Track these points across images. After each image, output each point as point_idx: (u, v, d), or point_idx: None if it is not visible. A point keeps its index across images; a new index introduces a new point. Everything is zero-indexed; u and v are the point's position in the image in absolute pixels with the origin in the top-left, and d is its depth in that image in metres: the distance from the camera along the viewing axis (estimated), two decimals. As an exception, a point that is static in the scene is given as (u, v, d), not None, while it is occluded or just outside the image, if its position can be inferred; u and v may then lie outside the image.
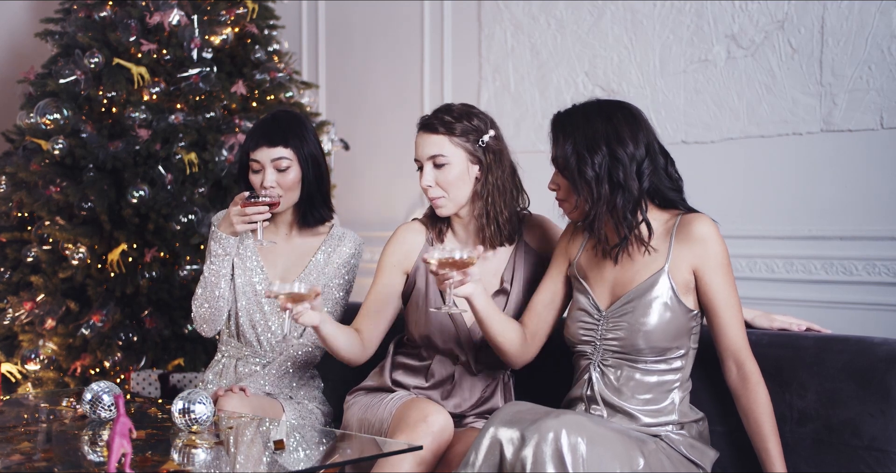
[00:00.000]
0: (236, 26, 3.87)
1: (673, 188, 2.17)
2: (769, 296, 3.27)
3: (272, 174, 2.57)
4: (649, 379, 2.12)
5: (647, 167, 2.12)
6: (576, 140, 2.12)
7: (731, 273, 2.12)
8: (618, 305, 2.13)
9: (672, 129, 3.56)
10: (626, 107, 2.18)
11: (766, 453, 2.07)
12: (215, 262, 2.60)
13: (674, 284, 2.10)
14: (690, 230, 2.11)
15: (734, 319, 2.11)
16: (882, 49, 3.07)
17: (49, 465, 1.88)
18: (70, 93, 3.67)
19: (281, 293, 2.10)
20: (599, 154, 2.09)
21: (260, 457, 1.93)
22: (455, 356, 2.43)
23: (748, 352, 2.11)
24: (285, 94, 3.93)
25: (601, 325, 2.16)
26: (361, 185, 4.76)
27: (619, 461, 1.93)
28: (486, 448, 1.97)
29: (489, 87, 4.18)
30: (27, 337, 3.64)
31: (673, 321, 2.10)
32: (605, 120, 2.13)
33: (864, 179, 3.12)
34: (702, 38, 3.49)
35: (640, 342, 2.09)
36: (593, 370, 2.16)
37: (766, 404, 2.08)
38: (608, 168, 2.09)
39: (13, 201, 3.71)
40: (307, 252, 2.69)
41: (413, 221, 2.52)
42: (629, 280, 2.14)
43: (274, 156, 2.57)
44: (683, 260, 2.10)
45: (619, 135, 2.11)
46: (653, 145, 2.14)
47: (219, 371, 2.70)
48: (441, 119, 2.36)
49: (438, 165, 2.34)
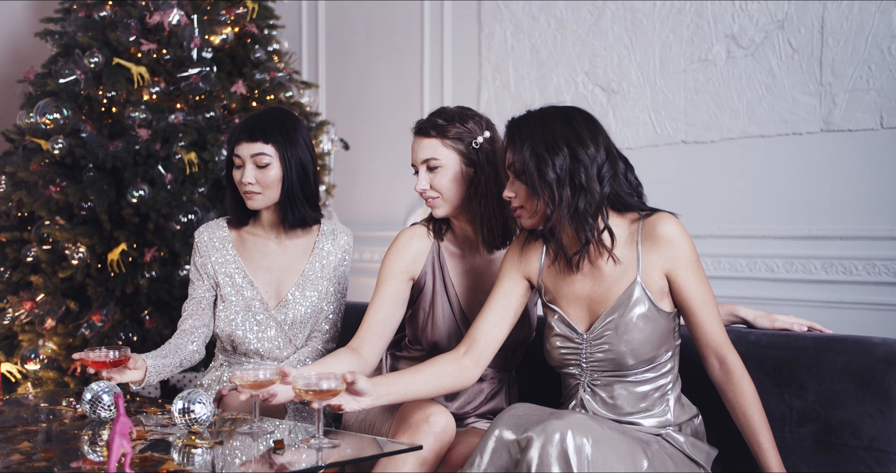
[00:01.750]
0: (236, 26, 3.87)
1: (633, 193, 2.12)
2: (769, 296, 3.28)
3: (251, 170, 2.54)
4: (642, 388, 2.11)
5: (608, 171, 2.07)
6: (534, 142, 2.06)
7: (701, 268, 2.09)
8: (598, 325, 2.11)
9: (672, 129, 3.56)
10: (582, 111, 2.14)
11: (758, 446, 2.05)
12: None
13: (649, 293, 2.08)
14: (656, 232, 2.07)
15: (711, 315, 2.09)
16: (882, 49, 3.07)
17: (49, 465, 1.88)
18: (70, 93, 3.67)
19: (244, 382, 2.04)
20: (560, 155, 2.04)
21: (260, 457, 1.93)
22: None
23: (729, 346, 2.09)
24: (285, 94, 3.94)
25: (584, 348, 2.13)
26: (361, 185, 4.76)
27: (624, 462, 1.93)
28: (492, 449, 1.97)
29: (489, 87, 4.18)
30: (27, 337, 3.64)
31: (656, 330, 2.09)
32: (564, 121, 2.08)
33: (863, 179, 3.12)
34: (702, 38, 3.49)
35: (629, 359, 2.08)
36: (583, 391, 2.15)
37: (753, 396, 2.06)
38: (570, 169, 2.04)
39: (13, 201, 3.71)
40: (299, 257, 2.67)
41: (414, 226, 2.48)
42: (603, 296, 2.11)
43: (254, 151, 2.54)
44: (654, 266, 2.08)
45: (579, 137, 2.06)
46: (612, 150, 2.10)
47: (217, 378, 2.68)
48: (434, 122, 2.36)
49: (432, 168, 2.34)
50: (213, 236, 2.69)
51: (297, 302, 2.63)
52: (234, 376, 2.08)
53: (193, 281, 2.70)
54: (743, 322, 2.34)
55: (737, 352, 2.09)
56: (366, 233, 4.73)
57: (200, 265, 2.67)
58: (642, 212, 2.12)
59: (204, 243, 2.68)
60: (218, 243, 2.68)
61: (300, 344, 2.65)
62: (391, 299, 2.39)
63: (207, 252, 2.67)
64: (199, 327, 2.64)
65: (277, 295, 2.65)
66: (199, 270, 2.68)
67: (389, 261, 2.42)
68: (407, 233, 2.45)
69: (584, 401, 2.14)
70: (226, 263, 2.66)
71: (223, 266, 2.66)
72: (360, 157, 4.70)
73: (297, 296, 2.63)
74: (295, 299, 2.63)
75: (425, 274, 2.42)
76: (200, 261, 2.68)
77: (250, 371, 2.08)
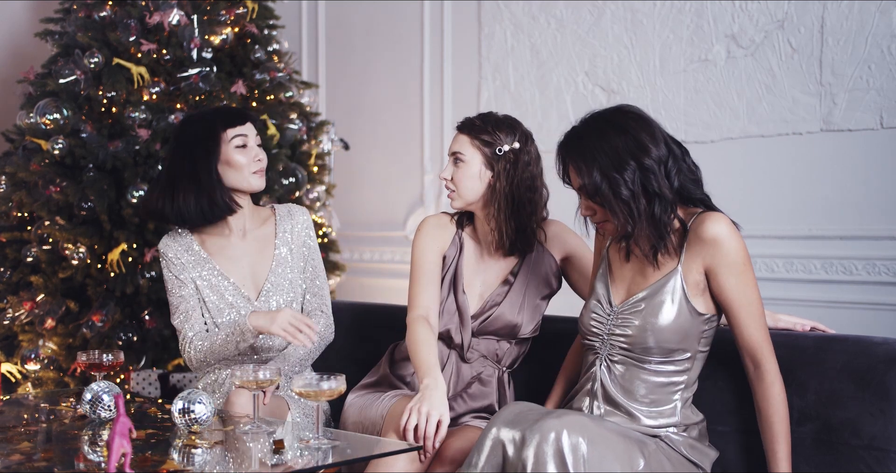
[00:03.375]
0: (236, 26, 3.87)
1: (695, 180, 2.11)
2: (769, 296, 3.25)
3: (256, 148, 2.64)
4: (655, 379, 2.11)
5: (673, 165, 2.06)
6: (601, 164, 2.03)
7: (748, 272, 2.06)
8: (629, 303, 2.13)
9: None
10: (630, 111, 2.12)
11: (772, 453, 2.06)
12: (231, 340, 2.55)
13: (685, 285, 2.08)
14: (703, 230, 2.06)
15: (750, 318, 2.07)
16: (882, 49, 3.07)
17: (49, 465, 1.88)
18: (70, 93, 3.67)
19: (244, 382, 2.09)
20: (629, 169, 2.02)
21: (260, 457, 1.93)
22: (450, 338, 2.49)
23: (766, 351, 2.07)
24: (285, 94, 3.93)
25: (610, 320, 2.15)
26: (361, 185, 4.76)
27: (620, 461, 1.93)
28: (489, 448, 1.98)
29: (489, 87, 4.18)
30: (27, 337, 3.64)
31: (681, 323, 2.08)
32: (621, 131, 2.05)
33: (863, 179, 3.12)
34: (702, 38, 3.49)
35: (648, 341, 2.08)
36: (599, 364, 2.15)
37: (779, 405, 2.06)
38: (641, 181, 2.03)
39: (13, 201, 3.71)
40: (265, 245, 2.69)
41: (440, 213, 2.62)
42: (643, 278, 2.13)
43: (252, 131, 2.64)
44: (694, 261, 2.08)
45: (640, 144, 2.04)
46: (668, 141, 2.09)
47: (211, 381, 2.66)
48: (472, 122, 2.49)
49: (457, 162, 2.47)
50: (179, 245, 2.66)
51: (277, 288, 2.64)
52: (234, 376, 2.09)
53: (175, 289, 2.64)
54: None
55: (775, 359, 2.08)
56: (366, 233, 4.73)
57: (177, 273, 2.64)
58: (703, 208, 2.11)
59: (174, 254, 2.65)
60: (186, 250, 2.66)
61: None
62: (436, 272, 2.51)
63: (180, 262, 2.65)
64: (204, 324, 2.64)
65: (256, 287, 2.66)
66: (177, 277, 2.64)
67: (426, 238, 2.53)
68: (435, 218, 2.60)
69: (600, 375, 2.14)
70: (199, 267, 2.65)
71: (198, 270, 2.64)
72: (360, 157, 4.70)
73: (275, 281, 2.65)
74: (274, 285, 2.64)
75: (448, 257, 2.53)
76: (176, 271, 2.64)
77: (250, 371, 2.08)
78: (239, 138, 2.60)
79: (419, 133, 4.49)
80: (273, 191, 3.75)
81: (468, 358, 2.50)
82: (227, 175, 2.61)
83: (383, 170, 4.67)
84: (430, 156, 4.45)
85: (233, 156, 2.60)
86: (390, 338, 2.70)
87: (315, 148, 4.12)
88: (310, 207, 4.06)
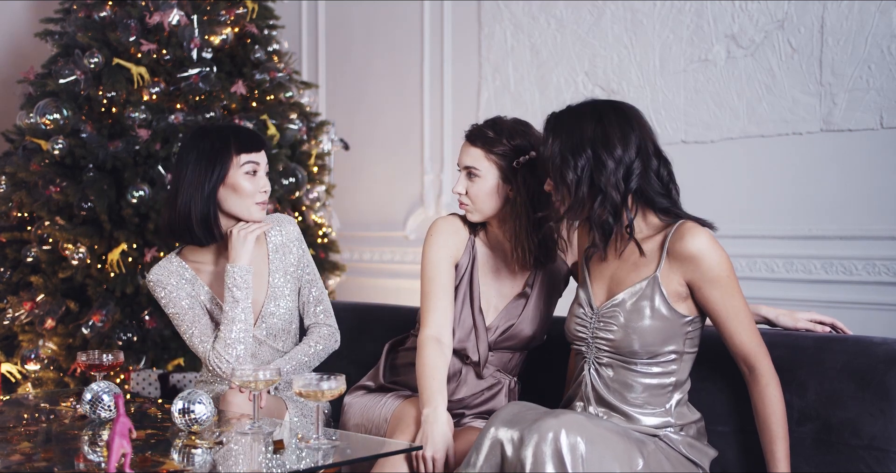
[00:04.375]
0: (236, 26, 3.87)
1: (661, 193, 2.10)
2: (769, 296, 3.27)
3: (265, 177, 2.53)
4: (645, 380, 2.11)
5: (637, 168, 2.06)
6: (562, 140, 2.09)
7: (732, 282, 2.05)
8: (609, 305, 2.12)
9: (672, 129, 3.56)
10: (620, 107, 2.14)
11: (770, 454, 2.05)
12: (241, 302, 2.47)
13: (664, 291, 2.07)
14: (682, 246, 2.04)
15: (740, 326, 2.07)
16: (882, 49, 3.07)
17: (49, 465, 1.88)
18: (70, 94, 3.67)
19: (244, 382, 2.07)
20: (583, 157, 2.06)
21: (260, 458, 1.93)
22: (465, 355, 2.42)
23: (760, 355, 2.07)
24: (285, 94, 3.94)
25: (592, 323, 2.14)
26: (361, 185, 4.76)
27: (619, 461, 1.93)
28: (487, 448, 1.98)
29: (489, 87, 4.18)
30: (27, 337, 3.64)
31: (663, 326, 2.08)
32: (596, 121, 2.09)
33: (864, 179, 3.12)
34: (702, 38, 3.49)
35: (634, 344, 2.08)
36: (588, 369, 2.15)
37: (776, 406, 2.06)
38: (591, 172, 2.06)
39: (13, 201, 3.71)
40: (258, 271, 2.57)
41: (450, 216, 2.48)
42: (623, 280, 2.13)
43: (263, 159, 2.52)
44: (675, 273, 2.07)
45: (606, 138, 2.06)
46: (646, 147, 2.08)
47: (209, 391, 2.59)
48: (483, 133, 2.35)
49: (472, 176, 2.35)
50: (171, 275, 2.54)
51: (271, 314, 2.57)
52: (234, 376, 2.09)
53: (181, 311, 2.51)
54: (765, 320, 2.31)
55: (769, 360, 2.07)
56: (366, 233, 4.73)
57: (171, 291, 2.52)
58: (675, 218, 2.10)
59: (166, 279, 2.52)
60: (181, 280, 2.54)
61: (287, 347, 2.63)
62: (449, 284, 2.37)
63: (171, 284, 2.52)
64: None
65: (253, 313, 2.57)
66: (171, 294, 2.52)
67: (437, 246, 2.39)
68: (446, 220, 2.45)
69: (590, 379, 2.14)
70: (197, 295, 2.55)
71: (196, 290, 2.55)
72: (360, 157, 4.70)
73: (272, 308, 2.57)
74: (269, 311, 2.57)
75: (461, 266, 2.42)
76: (171, 289, 2.52)
77: (250, 371, 2.08)
78: (249, 165, 2.49)
79: (419, 133, 4.49)
80: (273, 191, 3.75)
81: (484, 375, 2.43)
82: (228, 199, 2.48)
83: (383, 170, 4.67)
84: (430, 157, 4.45)
85: (240, 182, 2.48)
86: (390, 339, 2.69)
87: (315, 148, 4.12)
88: (310, 207, 4.06)
